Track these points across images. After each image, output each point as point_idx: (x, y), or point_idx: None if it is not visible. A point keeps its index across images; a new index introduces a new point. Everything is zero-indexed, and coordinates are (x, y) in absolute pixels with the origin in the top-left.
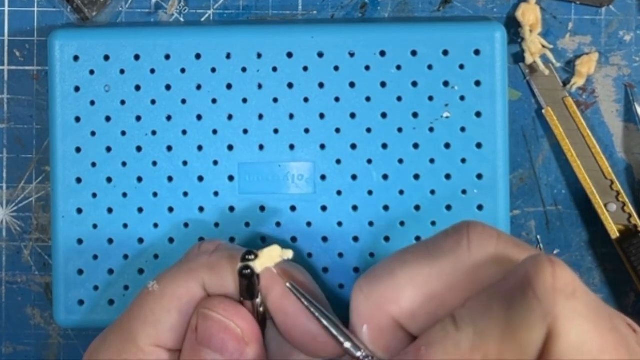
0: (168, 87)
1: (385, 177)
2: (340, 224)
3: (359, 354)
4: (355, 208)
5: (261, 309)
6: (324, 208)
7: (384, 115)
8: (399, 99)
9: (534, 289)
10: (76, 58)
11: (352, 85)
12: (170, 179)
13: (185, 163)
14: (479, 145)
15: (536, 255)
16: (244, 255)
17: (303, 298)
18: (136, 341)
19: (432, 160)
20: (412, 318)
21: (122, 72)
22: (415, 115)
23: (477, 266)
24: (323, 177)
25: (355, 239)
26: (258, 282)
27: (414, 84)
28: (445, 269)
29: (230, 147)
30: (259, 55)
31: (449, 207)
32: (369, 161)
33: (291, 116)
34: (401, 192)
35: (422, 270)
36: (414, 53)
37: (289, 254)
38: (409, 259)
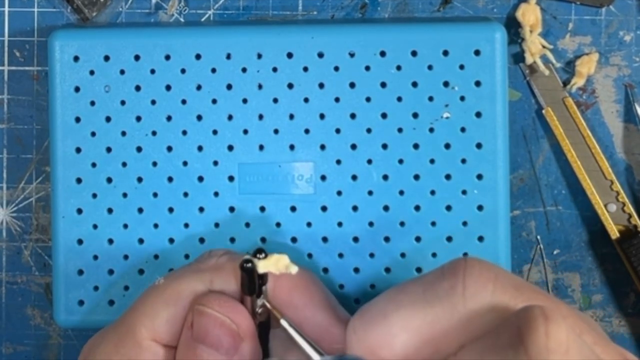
0: (168, 88)
1: (385, 177)
2: (340, 224)
3: None
4: (355, 208)
5: (259, 310)
6: (324, 208)
7: (384, 116)
8: (399, 99)
9: (526, 347)
10: (76, 58)
11: (352, 85)
12: (170, 179)
13: (185, 163)
14: (479, 146)
15: (529, 309)
16: (254, 252)
17: (296, 334)
18: (134, 334)
19: (432, 161)
20: None
21: (122, 72)
22: (415, 115)
23: (472, 313)
24: (323, 178)
25: (355, 239)
26: (263, 281)
27: (414, 84)
28: (439, 315)
29: (230, 148)
30: (259, 56)
31: (449, 208)
32: (369, 161)
33: (291, 116)
34: (401, 193)
35: (416, 315)
36: (414, 53)
37: (294, 269)
38: (403, 302)
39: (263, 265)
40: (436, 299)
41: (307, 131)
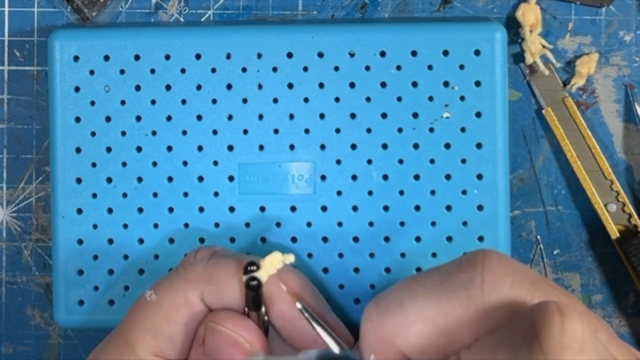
0: (168, 87)
1: (385, 177)
2: (340, 224)
3: None
4: (355, 208)
5: (266, 318)
6: (324, 208)
7: (384, 116)
8: (399, 99)
9: (540, 343)
10: (76, 58)
11: (352, 85)
12: (170, 179)
13: (185, 163)
14: (479, 145)
15: (545, 305)
16: (246, 267)
17: (312, 319)
18: (135, 350)
19: (432, 161)
20: (420, 353)
21: (122, 72)
22: (415, 115)
23: (488, 306)
24: (323, 178)
25: (355, 239)
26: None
27: (414, 84)
28: (455, 307)
29: (230, 147)
30: (259, 55)
31: (449, 208)
32: (369, 161)
33: (291, 116)
34: (401, 193)
35: (432, 305)
36: (414, 53)
37: (290, 257)
38: (420, 292)
39: (265, 273)
40: (453, 290)
41: (307, 131)
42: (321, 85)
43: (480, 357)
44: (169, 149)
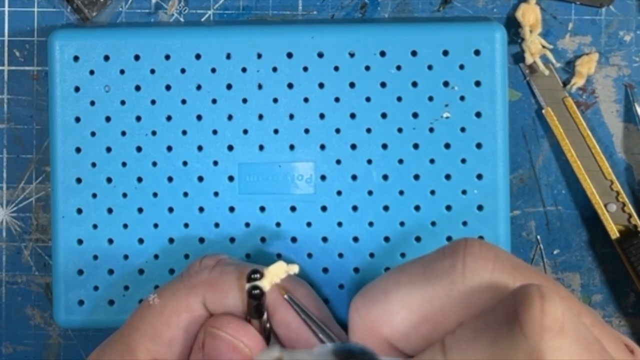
0: (168, 87)
1: (385, 177)
2: (340, 224)
3: None
4: (355, 208)
5: (268, 325)
6: (324, 208)
7: (384, 116)
8: (399, 99)
9: (521, 324)
10: (76, 58)
11: (352, 85)
12: (170, 179)
13: (185, 163)
14: (479, 145)
15: (526, 287)
16: (249, 275)
17: (300, 311)
18: (135, 354)
19: (432, 161)
20: (405, 340)
21: (122, 72)
22: (415, 115)
23: (471, 291)
24: (323, 177)
25: (355, 239)
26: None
27: (414, 84)
28: (438, 293)
29: (230, 147)
30: (259, 55)
31: (449, 207)
32: (369, 161)
33: (291, 116)
34: (401, 193)
35: (415, 293)
36: (414, 53)
37: (295, 268)
38: (404, 280)
39: (268, 282)
40: (436, 277)
41: (307, 131)
42: (321, 85)
43: (463, 342)
44: (169, 149)
